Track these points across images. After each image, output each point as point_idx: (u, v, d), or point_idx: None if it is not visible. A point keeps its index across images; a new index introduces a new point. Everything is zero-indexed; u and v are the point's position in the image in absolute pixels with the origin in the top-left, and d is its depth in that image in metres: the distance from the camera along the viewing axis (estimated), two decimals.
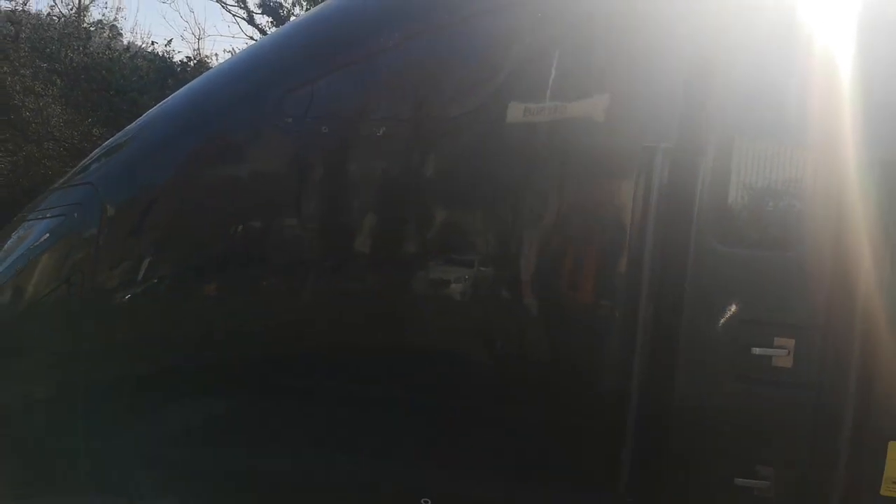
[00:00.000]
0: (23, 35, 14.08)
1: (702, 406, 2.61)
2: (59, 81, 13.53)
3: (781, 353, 2.56)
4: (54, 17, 16.09)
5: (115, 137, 3.41)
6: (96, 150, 3.45)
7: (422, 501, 2.81)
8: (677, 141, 2.58)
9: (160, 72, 14.10)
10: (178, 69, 14.71)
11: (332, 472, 2.91)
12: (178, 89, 3.40)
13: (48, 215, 3.25)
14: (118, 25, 17.56)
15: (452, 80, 2.87)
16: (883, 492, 2.52)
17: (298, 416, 2.91)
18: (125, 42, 18.25)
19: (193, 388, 3.02)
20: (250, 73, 3.09)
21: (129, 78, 13.80)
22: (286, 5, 16.02)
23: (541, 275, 2.76)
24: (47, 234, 3.17)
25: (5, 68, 13.31)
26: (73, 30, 15.17)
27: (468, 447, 2.80)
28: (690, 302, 2.60)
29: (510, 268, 2.80)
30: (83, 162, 3.47)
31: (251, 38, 17.39)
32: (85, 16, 18.72)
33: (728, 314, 2.59)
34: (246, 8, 17.24)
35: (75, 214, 3.12)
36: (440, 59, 2.87)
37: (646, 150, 2.60)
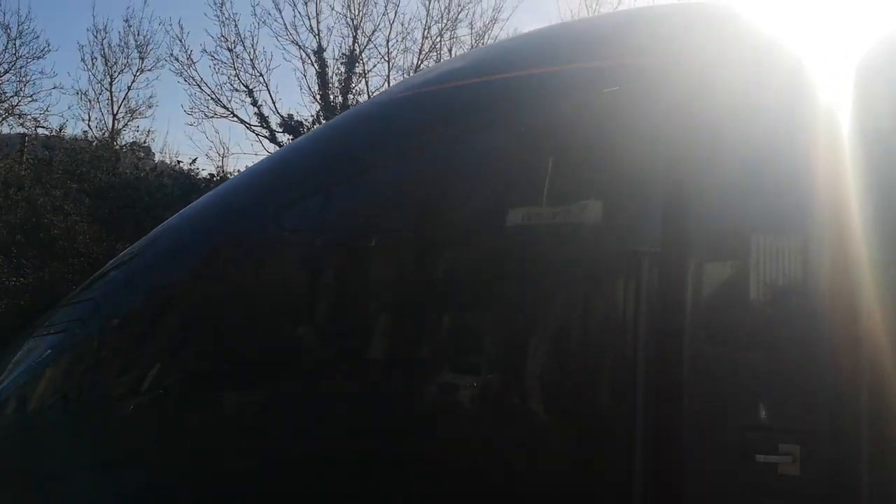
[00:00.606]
0: (56, 159, 14.82)
1: None
2: (87, 200, 14.08)
3: (787, 459, 2.46)
4: (87, 142, 16.98)
5: (120, 255, 3.52)
6: (103, 268, 3.56)
7: None
8: (664, 244, 2.61)
9: (184, 188, 14.65)
10: (203, 186, 15.28)
11: None
12: None
13: (52, 331, 3.31)
14: (150, 147, 18.52)
15: (439, 193, 2.96)
16: None
17: None
18: (156, 161, 19.14)
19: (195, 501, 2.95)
20: (251, 189, 3.21)
21: (154, 195, 14.34)
22: (307, 124, 16.80)
23: (536, 379, 2.72)
24: (49, 350, 3.22)
25: (37, 190, 13.92)
26: (104, 152, 15.95)
27: None
28: (689, 407, 2.54)
29: (503, 376, 2.78)
30: (90, 279, 3.56)
31: None
32: (117, 138, 19.78)
33: (728, 420, 2.52)
34: (268, 127, 18.09)
35: (77, 330, 3.18)
36: (423, 176, 2.98)
37: (635, 254, 2.62)
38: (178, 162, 17.04)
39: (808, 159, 2.57)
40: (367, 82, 18.00)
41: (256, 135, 18.65)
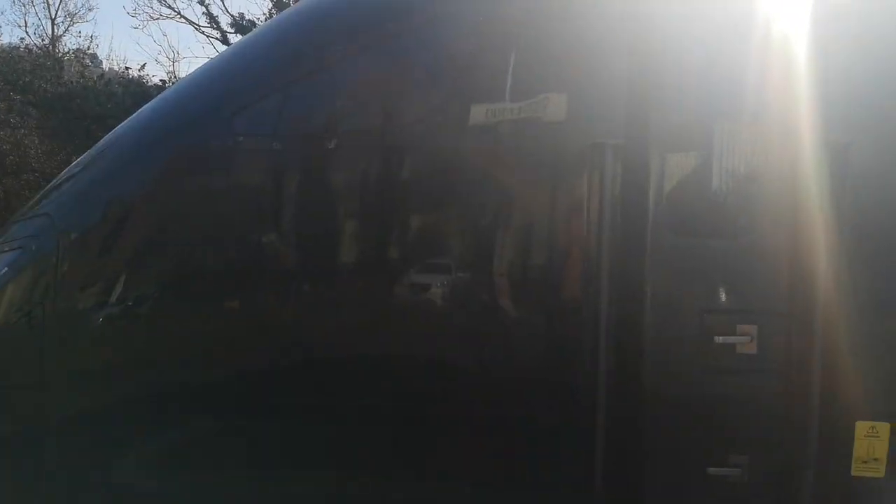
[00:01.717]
0: None
1: (670, 398, 2.61)
2: (34, 112, 13.49)
3: (745, 339, 2.57)
4: (26, 50, 16.05)
5: (69, 168, 3.39)
6: (54, 181, 3.44)
7: None
8: (626, 136, 2.59)
9: (135, 96, 14.06)
10: (154, 93, 14.69)
11: (315, 488, 2.89)
12: None
13: (7, 248, 3.22)
14: (95, 53, 17.58)
15: (399, 89, 2.87)
16: (854, 472, 2.53)
17: (286, 434, 2.89)
18: (104, 69, 18.26)
19: (165, 411, 2.99)
20: (199, 94, 3.08)
21: (104, 105, 13.76)
22: (259, 23, 16.03)
23: (500, 277, 2.75)
24: (6, 268, 3.15)
25: None
26: (45, 60, 15.12)
27: (440, 457, 2.78)
28: (651, 295, 2.60)
29: (473, 270, 2.80)
30: (41, 193, 3.45)
31: None
32: (58, 45, 18.73)
33: (689, 305, 2.60)
34: (219, 28, 17.26)
35: (33, 246, 3.10)
36: (387, 71, 2.87)
37: (596, 146, 2.61)
38: (127, 68, 16.31)
39: (767, 48, 2.54)
40: None
41: (207, 37, 17.82)
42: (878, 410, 2.51)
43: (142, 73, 16.16)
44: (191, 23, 17.91)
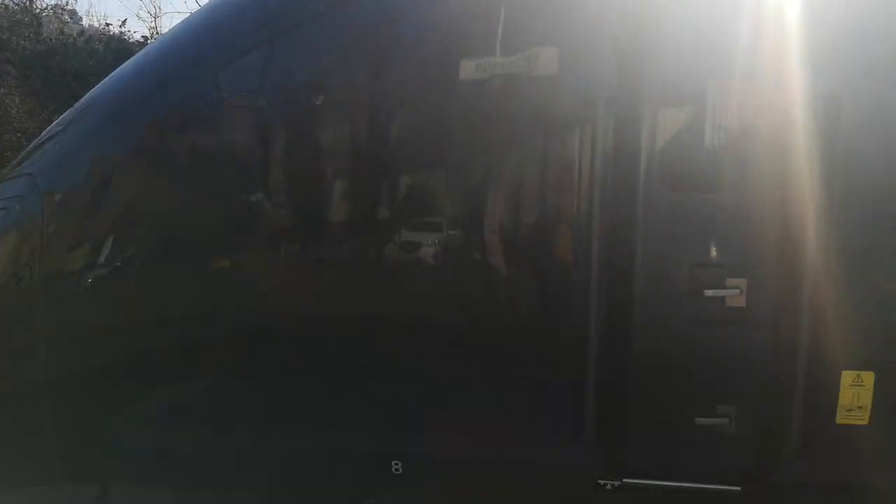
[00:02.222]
0: None
1: (659, 350, 2.64)
2: (13, 71, 13.18)
3: (734, 292, 2.59)
4: (3, 6, 15.58)
5: (52, 126, 3.32)
6: (35, 141, 3.37)
7: (393, 464, 2.84)
8: (618, 90, 2.56)
9: (117, 53, 13.73)
10: (136, 49, 14.35)
11: (310, 443, 2.92)
12: None
13: None
14: (74, 10, 17.11)
15: (390, 42, 2.81)
16: (839, 420, 2.59)
17: (271, 391, 2.91)
18: (84, 25, 17.79)
19: (155, 369, 3.00)
20: (182, 50, 3.00)
21: (85, 62, 13.45)
22: None
23: (494, 231, 2.75)
24: None
25: None
26: (23, 16, 14.70)
27: (434, 409, 2.81)
28: (642, 249, 2.61)
29: (464, 226, 2.80)
30: (23, 153, 3.39)
31: None
32: (35, 2, 18.17)
33: (679, 258, 2.61)
34: None
35: (17, 206, 3.06)
36: (375, 24, 2.81)
37: (588, 100, 2.58)
38: (108, 25, 15.86)
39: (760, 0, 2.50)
40: None
41: None
42: (863, 360, 2.55)
43: (123, 30, 15.77)
44: None
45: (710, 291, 2.58)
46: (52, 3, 18.47)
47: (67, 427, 3.06)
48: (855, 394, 2.58)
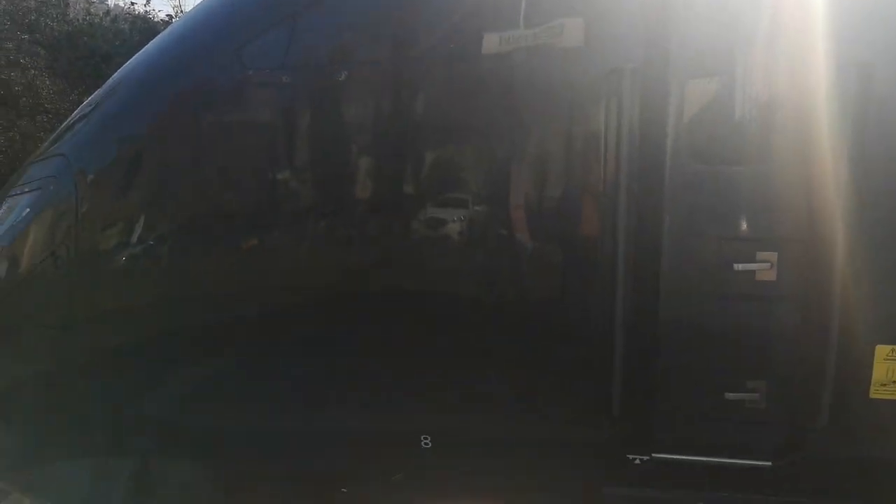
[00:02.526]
0: (0, 7, 13.81)
1: (688, 325, 2.62)
2: (42, 52, 13.34)
3: (764, 266, 2.55)
4: None
5: (82, 106, 3.37)
6: (67, 120, 3.42)
7: (422, 439, 2.87)
8: (645, 61, 2.51)
9: (143, 32, 13.82)
10: (161, 28, 14.42)
11: (337, 422, 2.96)
12: None
13: (27, 190, 3.24)
14: None
15: (408, 18, 2.78)
16: (872, 395, 2.55)
17: (304, 369, 2.94)
18: (109, 5, 17.89)
19: (190, 347, 3.06)
20: (206, 28, 3.01)
21: (111, 42, 13.57)
22: None
23: (520, 205, 2.73)
24: (28, 209, 3.18)
25: None
26: None
27: (462, 386, 2.83)
28: (670, 222, 2.58)
29: (490, 202, 2.78)
30: (55, 133, 3.44)
31: None
32: None
33: (708, 232, 2.57)
34: None
35: (51, 187, 3.11)
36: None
37: (614, 72, 2.53)
38: (133, 3, 15.92)
39: None
40: None
41: None
42: None
43: (148, 9, 15.89)
44: None
45: (740, 265, 2.54)
46: None
47: (105, 403, 3.14)
48: (890, 368, 2.53)
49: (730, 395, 2.63)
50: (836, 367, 2.55)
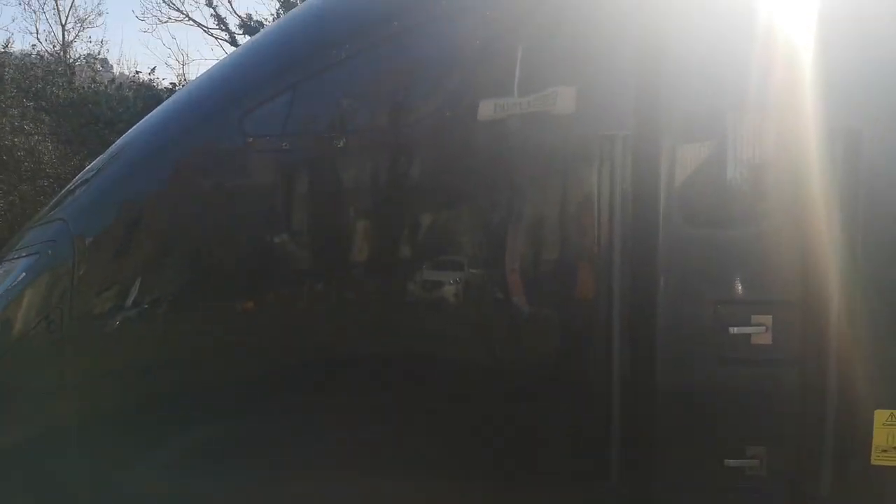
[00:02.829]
0: (7, 76, 14.18)
1: (685, 390, 2.60)
2: (46, 118, 13.62)
3: (759, 330, 2.55)
4: (38, 56, 16.19)
5: (84, 171, 3.42)
6: (68, 185, 3.47)
7: None
8: (636, 128, 2.58)
9: (146, 100, 14.16)
10: (165, 96, 14.78)
11: (340, 484, 2.90)
12: None
13: (24, 254, 3.25)
14: (106, 58, 17.74)
15: (405, 87, 2.87)
16: (874, 461, 2.51)
17: (305, 430, 2.90)
18: (115, 73, 18.39)
19: (185, 413, 3.01)
20: (208, 96, 3.09)
21: (115, 109, 13.88)
22: (267, 24, 16.08)
23: (515, 270, 2.74)
24: (23, 273, 3.18)
25: None
26: (57, 66, 15.26)
27: (456, 450, 2.78)
28: (664, 287, 2.59)
29: (485, 266, 2.80)
30: (56, 198, 3.48)
31: None
32: (69, 51, 18.87)
33: (703, 296, 2.58)
34: (227, 30, 17.33)
35: (49, 251, 3.12)
36: (392, 69, 2.88)
37: (606, 138, 2.60)
38: (137, 72, 16.42)
39: (776, 37, 2.52)
40: None
41: (216, 38, 17.92)
42: None
43: (152, 77, 16.31)
44: (199, 25, 18.08)
45: (735, 329, 2.54)
46: (85, 52, 19.17)
47: (97, 470, 3.07)
48: (890, 433, 2.50)
49: (730, 462, 2.59)
50: (836, 433, 2.53)
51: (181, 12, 17.89)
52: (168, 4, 18.01)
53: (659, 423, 2.63)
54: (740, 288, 2.58)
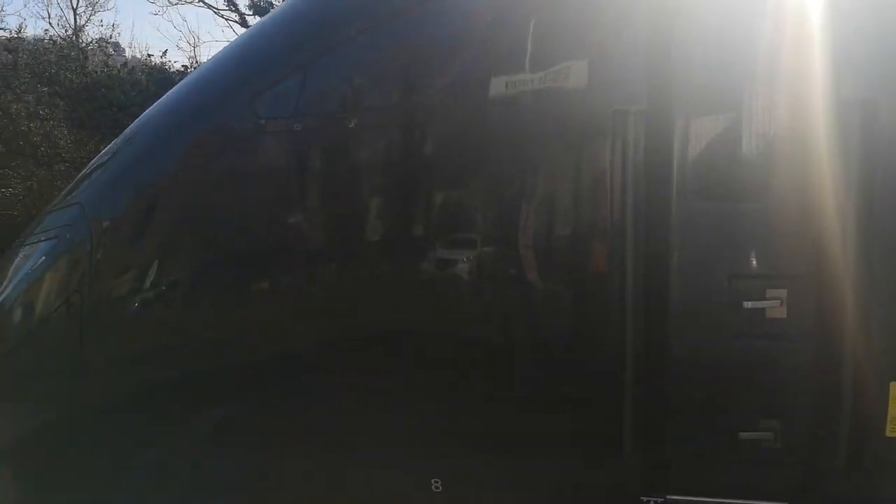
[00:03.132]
0: (21, 62, 14.24)
1: (699, 364, 2.61)
2: (61, 104, 13.69)
3: (774, 304, 2.54)
4: (51, 41, 16.25)
5: (99, 155, 3.45)
6: (84, 170, 3.50)
7: (433, 482, 2.84)
8: (648, 102, 2.55)
9: (159, 83, 14.18)
10: (177, 78, 14.79)
11: (346, 465, 2.94)
12: None
13: (42, 239, 3.30)
14: (118, 42, 17.78)
15: (418, 64, 2.85)
16: (889, 433, 2.51)
17: (316, 412, 2.93)
18: (127, 57, 18.43)
19: (205, 393, 3.06)
20: (220, 78, 3.10)
21: (128, 92, 13.92)
22: (277, 4, 16.00)
23: (528, 246, 2.74)
24: (42, 258, 3.23)
25: (8, 96, 13.49)
26: (70, 51, 15.31)
27: (472, 427, 2.81)
28: (678, 262, 2.59)
29: (499, 242, 2.80)
30: (72, 183, 3.52)
31: None
32: (81, 35, 18.91)
33: (717, 270, 2.57)
34: (237, 11, 17.27)
35: (67, 235, 3.17)
36: (403, 46, 2.86)
37: (618, 113, 2.58)
38: (149, 55, 16.43)
39: (789, 7, 2.48)
40: None
41: (226, 20, 17.86)
42: None
43: (164, 60, 16.34)
44: (209, 6, 18.01)
45: (750, 303, 2.53)
46: (97, 36, 19.20)
47: (117, 451, 3.13)
48: None
49: (744, 435, 2.59)
50: (852, 406, 2.52)
51: None
52: None
53: (673, 396, 2.63)
54: (754, 262, 2.57)
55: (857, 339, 2.48)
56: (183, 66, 16.15)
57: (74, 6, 20.84)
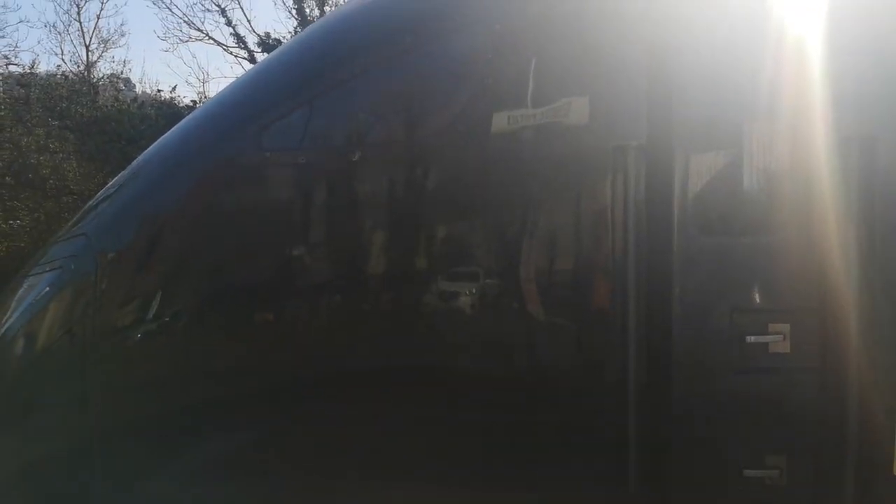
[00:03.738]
0: (33, 96, 14.49)
1: (702, 400, 2.59)
2: (71, 137, 13.89)
3: (777, 338, 2.53)
4: (63, 77, 16.54)
5: (106, 187, 3.49)
6: (91, 201, 3.54)
7: None
8: (649, 138, 2.58)
9: (168, 117, 14.39)
10: (186, 113, 15.00)
11: (355, 491, 2.91)
12: None
13: (47, 269, 3.32)
14: (128, 77, 18.10)
15: (421, 100, 2.90)
16: (895, 471, 2.48)
17: (324, 440, 2.92)
18: (137, 92, 18.74)
19: (207, 426, 3.04)
20: (227, 111, 3.15)
21: (138, 126, 14.12)
22: (285, 41, 16.29)
23: (528, 284, 2.75)
24: (47, 288, 3.25)
25: (19, 130, 13.70)
26: (81, 86, 15.58)
27: (474, 460, 2.79)
28: (680, 296, 2.59)
29: (501, 276, 2.81)
30: (78, 215, 3.55)
31: None
32: (93, 71, 19.26)
33: (719, 305, 2.57)
34: (246, 47, 17.57)
35: (72, 266, 3.19)
36: (407, 82, 2.91)
37: (619, 148, 2.60)
38: (159, 91, 16.70)
39: (789, 44, 2.52)
40: None
41: (235, 56, 18.18)
42: None
43: (173, 95, 16.61)
44: (219, 44, 18.34)
45: (752, 337, 2.53)
46: (108, 72, 19.55)
47: (119, 484, 3.10)
48: None
49: (749, 472, 2.57)
50: (858, 442, 2.50)
51: (201, 31, 18.21)
52: (188, 24, 18.35)
53: (676, 433, 2.61)
54: (757, 296, 2.57)
55: (861, 373, 2.46)
56: (192, 101, 16.40)
57: (87, 43, 21.26)
